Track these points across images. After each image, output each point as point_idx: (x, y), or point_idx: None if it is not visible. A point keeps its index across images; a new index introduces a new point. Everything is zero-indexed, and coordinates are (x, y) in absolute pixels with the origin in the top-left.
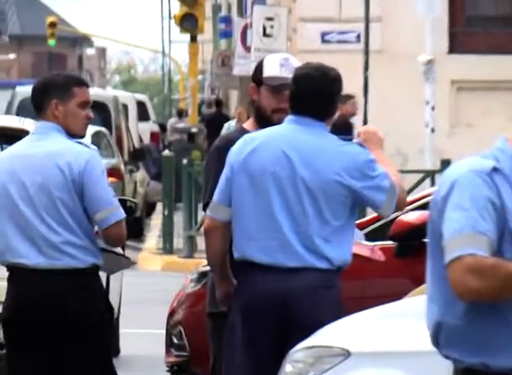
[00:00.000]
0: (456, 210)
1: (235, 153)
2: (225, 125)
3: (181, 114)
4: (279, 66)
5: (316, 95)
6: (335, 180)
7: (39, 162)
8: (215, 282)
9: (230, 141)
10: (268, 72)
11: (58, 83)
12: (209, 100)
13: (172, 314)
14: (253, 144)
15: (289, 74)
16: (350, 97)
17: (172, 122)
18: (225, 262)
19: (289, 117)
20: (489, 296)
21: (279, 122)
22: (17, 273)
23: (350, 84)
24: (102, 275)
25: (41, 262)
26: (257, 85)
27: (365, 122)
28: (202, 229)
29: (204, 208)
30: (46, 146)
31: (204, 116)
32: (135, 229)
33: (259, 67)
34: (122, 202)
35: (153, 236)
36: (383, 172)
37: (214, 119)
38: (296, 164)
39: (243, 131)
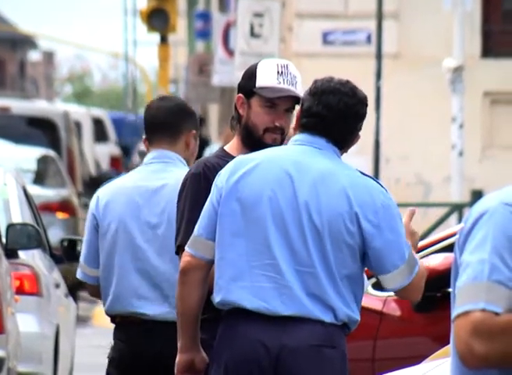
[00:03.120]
0: (474, 252)
1: (224, 176)
2: (207, 151)
3: None
4: (276, 75)
5: (340, 114)
6: (345, 213)
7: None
8: (180, 344)
9: (209, 167)
10: (263, 81)
11: (194, 113)
12: None
13: None
14: (248, 166)
15: (288, 86)
16: None
17: (140, 145)
18: (199, 319)
19: (297, 137)
20: (499, 363)
21: (273, 143)
22: (137, 324)
23: None
24: (50, 334)
25: (166, 311)
26: (246, 96)
27: (377, 144)
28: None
29: (178, 252)
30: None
31: None
32: None
33: (251, 74)
34: (74, 244)
35: None
36: (406, 241)
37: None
38: (300, 189)
39: (225, 155)
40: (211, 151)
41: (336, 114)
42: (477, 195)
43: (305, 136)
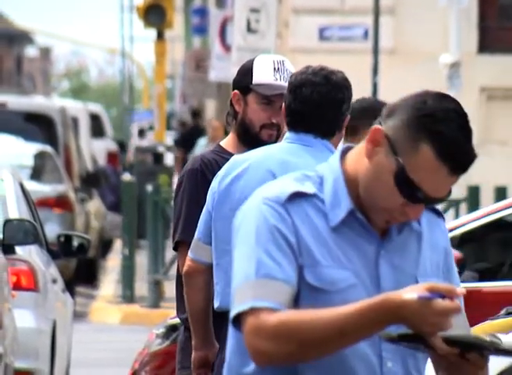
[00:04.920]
0: (241, 251)
1: (219, 179)
2: (200, 142)
3: (142, 131)
4: (272, 71)
5: (317, 105)
6: None
7: None
8: (194, 342)
9: (205, 163)
10: (259, 78)
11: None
12: (181, 119)
13: None
14: (239, 169)
15: (285, 82)
16: None
17: (136, 140)
18: (209, 317)
19: (286, 135)
20: (280, 361)
21: (269, 139)
22: None
23: (356, 92)
24: (47, 330)
25: None
26: (242, 93)
27: None
28: (182, 272)
29: (175, 248)
30: None
31: (179, 133)
32: (87, 272)
33: (247, 70)
34: (71, 239)
35: (110, 281)
36: None
37: (189, 135)
38: None
39: (222, 151)
40: (199, 143)
41: (312, 107)
42: (473, 191)
43: (292, 134)
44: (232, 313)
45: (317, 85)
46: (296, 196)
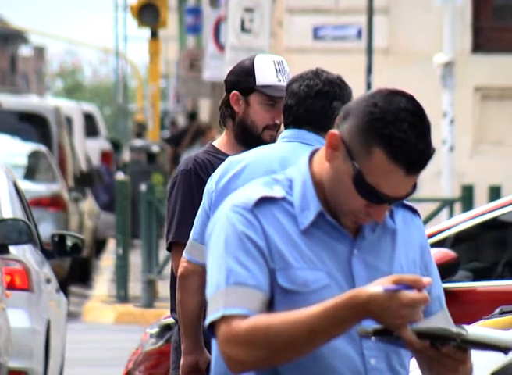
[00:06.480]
0: (213, 260)
1: (215, 179)
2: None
3: (141, 134)
4: (275, 72)
5: (304, 97)
6: None
7: None
8: (184, 347)
9: (199, 163)
10: (263, 78)
11: None
12: (172, 119)
13: None
14: (236, 168)
15: (286, 83)
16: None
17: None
18: (201, 321)
19: (283, 134)
20: (257, 367)
21: (270, 140)
22: None
23: None
24: (41, 330)
25: None
26: (242, 94)
27: None
28: (177, 273)
29: (169, 248)
30: None
31: (172, 133)
32: (81, 272)
33: (248, 71)
34: (65, 239)
35: (104, 280)
36: None
37: (180, 136)
38: None
39: (214, 151)
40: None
41: (300, 99)
42: (467, 190)
43: (288, 131)
44: (206, 323)
45: (306, 79)
46: (265, 201)
